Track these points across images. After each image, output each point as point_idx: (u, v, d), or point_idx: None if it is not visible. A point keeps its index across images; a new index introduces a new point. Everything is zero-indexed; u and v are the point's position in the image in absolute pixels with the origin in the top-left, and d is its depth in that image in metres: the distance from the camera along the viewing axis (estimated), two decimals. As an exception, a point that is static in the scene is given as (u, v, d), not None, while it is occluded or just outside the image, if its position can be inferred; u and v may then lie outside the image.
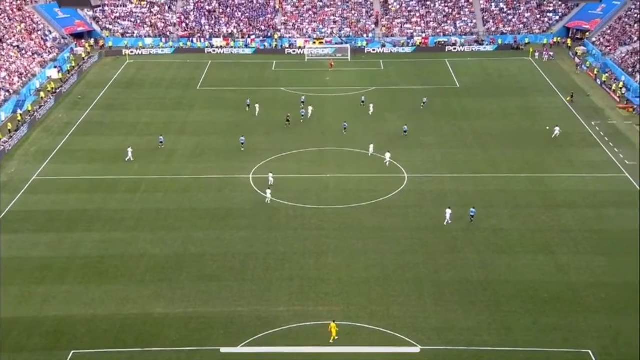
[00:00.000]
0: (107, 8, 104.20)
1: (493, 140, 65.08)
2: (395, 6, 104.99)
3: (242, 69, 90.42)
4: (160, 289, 42.44)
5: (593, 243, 47.05)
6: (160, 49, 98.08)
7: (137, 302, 41.16)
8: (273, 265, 44.91)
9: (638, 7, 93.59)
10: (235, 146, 63.78)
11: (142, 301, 41.27)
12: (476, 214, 49.97)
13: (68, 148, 64.59)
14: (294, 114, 70.33)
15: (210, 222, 50.56)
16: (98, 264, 45.25)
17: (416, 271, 44.02)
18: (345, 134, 66.42)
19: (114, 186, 56.40)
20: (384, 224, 49.90)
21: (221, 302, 41.09)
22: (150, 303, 41.06)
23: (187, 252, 46.65)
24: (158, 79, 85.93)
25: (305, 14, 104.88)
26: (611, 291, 41.61)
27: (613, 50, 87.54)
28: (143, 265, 45.05)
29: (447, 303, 40.68)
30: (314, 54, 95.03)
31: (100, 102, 77.68)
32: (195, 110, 74.92)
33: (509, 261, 44.98)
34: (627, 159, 60.13)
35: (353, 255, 46.00)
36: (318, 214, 51.44)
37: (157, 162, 61.12)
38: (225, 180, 57.30)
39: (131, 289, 42.49)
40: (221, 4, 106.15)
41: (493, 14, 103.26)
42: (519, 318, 39.26)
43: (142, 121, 71.41)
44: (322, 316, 39.43)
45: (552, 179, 56.65)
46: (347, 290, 42.13)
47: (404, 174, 57.70)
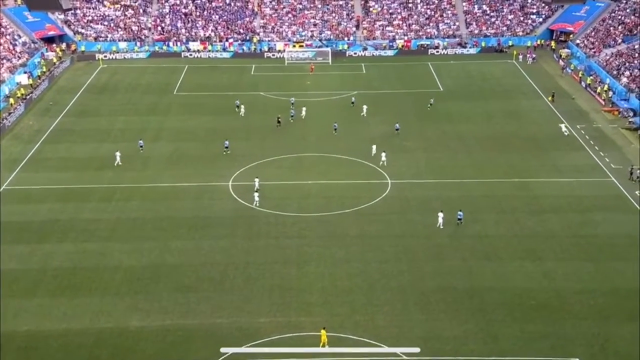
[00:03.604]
0: (79, 11, 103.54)
1: (477, 144, 65.61)
2: (377, 8, 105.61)
3: (220, 73, 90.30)
4: (136, 301, 42.06)
5: (580, 249, 47.51)
6: (134, 53, 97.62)
7: (112, 315, 40.73)
8: (253, 275, 44.74)
9: (622, 8, 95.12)
10: (214, 153, 63.64)
11: (118, 314, 40.85)
12: (463, 216, 50.37)
13: (39, 156, 63.94)
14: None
15: (188, 231, 50.28)
16: (71, 276, 44.75)
17: (401, 279, 44.11)
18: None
19: (87, 195, 55.89)
20: (367, 232, 49.99)
21: (200, 314, 40.81)
22: (125, 316, 40.66)
23: (164, 262, 46.32)
24: (133, 84, 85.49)
25: (285, 16, 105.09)
26: (599, 298, 41.99)
27: (597, 53, 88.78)
28: (118, 276, 44.63)
29: (433, 312, 40.81)
30: (294, 57, 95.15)
31: (72, 108, 77.07)
32: (172, 116, 74.63)
33: (495, 268, 45.25)
34: (613, 162, 60.90)
35: (336, 263, 45.99)
36: (300, 222, 51.39)
37: (133, 169, 60.72)
38: (203, 188, 57.06)
39: (106, 301, 42.05)
40: (198, 7, 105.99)
41: (476, 17, 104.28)
42: (506, 326, 39.48)
43: (116, 127, 70.94)
44: (305, 327, 39.33)
45: (538, 183, 57.19)
46: (330, 300, 42.09)
47: (387, 180, 57.90)
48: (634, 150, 63.52)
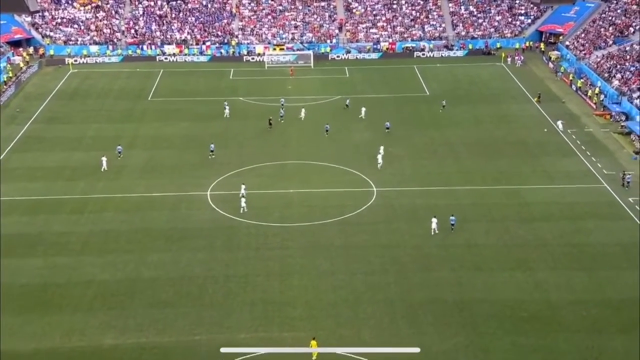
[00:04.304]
0: (48, 13, 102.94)
1: (466, 150, 66.02)
2: (360, 10, 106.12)
3: (197, 77, 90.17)
4: (110, 318, 41.70)
5: (572, 258, 47.88)
6: (107, 57, 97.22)
7: (84, 334, 40.32)
8: (234, 289, 44.58)
9: (612, 9, 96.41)
10: (191, 161, 63.51)
11: (90, 332, 40.46)
12: (456, 221, 50.84)
13: (6, 166, 63.30)
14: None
15: (164, 243, 50.02)
16: (40, 292, 44.27)
17: (387, 292, 44.17)
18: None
19: (58, 207, 55.43)
20: (352, 242, 50.03)
21: (177, 331, 40.55)
22: (99, 334, 40.28)
23: (139, 276, 46.01)
24: (105, 90, 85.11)
25: (264, 18, 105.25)
26: (592, 308, 42.29)
27: (588, 55, 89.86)
28: (91, 292, 44.22)
29: (421, 325, 40.88)
30: (274, 61, 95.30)
31: (41, 115, 76.52)
32: (146, 122, 74.36)
33: (485, 279, 45.47)
34: (605, 168, 61.56)
35: (320, 276, 45.95)
36: (282, 233, 51.32)
37: (106, 179, 60.35)
38: (180, 197, 56.84)
39: (78, 319, 41.63)
40: (173, 9, 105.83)
41: (463, 18, 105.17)
42: (497, 339, 39.63)
43: (88, 135, 70.54)
44: (288, 342, 39.21)
45: (528, 190, 57.63)
46: (315, 314, 42.04)
47: (372, 188, 58.04)
48: (627, 156, 64.32)
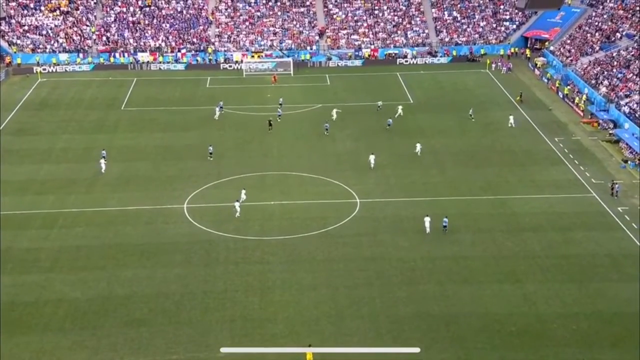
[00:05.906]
0: (14, 20, 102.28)
1: (451, 159, 66.52)
2: (340, 16, 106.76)
3: (173, 86, 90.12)
4: (82, 338, 41.36)
5: (561, 269, 48.32)
6: (77, 66, 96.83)
7: (54, 355, 39.98)
8: (212, 305, 44.44)
9: (599, 14, 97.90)
10: (167, 173, 63.46)
11: (61, 353, 40.11)
12: (448, 223, 51.49)
13: (-29, 179, 62.72)
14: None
15: (139, 259, 49.78)
16: (8, 311, 43.79)
17: (372, 306, 44.26)
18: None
19: (26, 222, 54.97)
20: (335, 255, 50.13)
21: (153, 350, 40.32)
22: (70, 355, 39.94)
23: (112, 294, 45.72)
24: (76, 99, 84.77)
25: (242, 24, 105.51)
26: (582, 322, 42.68)
27: (574, 61, 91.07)
28: (61, 311, 43.87)
29: (408, 340, 40.95)
30: (252, 68, 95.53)
31: (8, 126, 75.95)
32: (120, 133, 74.12)
33: (473, 292, 45.74)
34: (594, 177, 62.30)
35: (302, 290, 45.96)
36: (262, 246, 51.30)
37: (77, 192, 60.00)
38: (155, 211, 56.64)
39: (48, 339, 41.26)
40: (146, 15, 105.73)
41: (446, 24, 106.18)
42: (486, 354, 39.85)
43: (58, 147, 70.12)
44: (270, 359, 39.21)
45: (516, 200, 58.16)
46: (297, 330, 42.02)
47: (355, 199, 58.24)
48: (615, 164, 65.17)
